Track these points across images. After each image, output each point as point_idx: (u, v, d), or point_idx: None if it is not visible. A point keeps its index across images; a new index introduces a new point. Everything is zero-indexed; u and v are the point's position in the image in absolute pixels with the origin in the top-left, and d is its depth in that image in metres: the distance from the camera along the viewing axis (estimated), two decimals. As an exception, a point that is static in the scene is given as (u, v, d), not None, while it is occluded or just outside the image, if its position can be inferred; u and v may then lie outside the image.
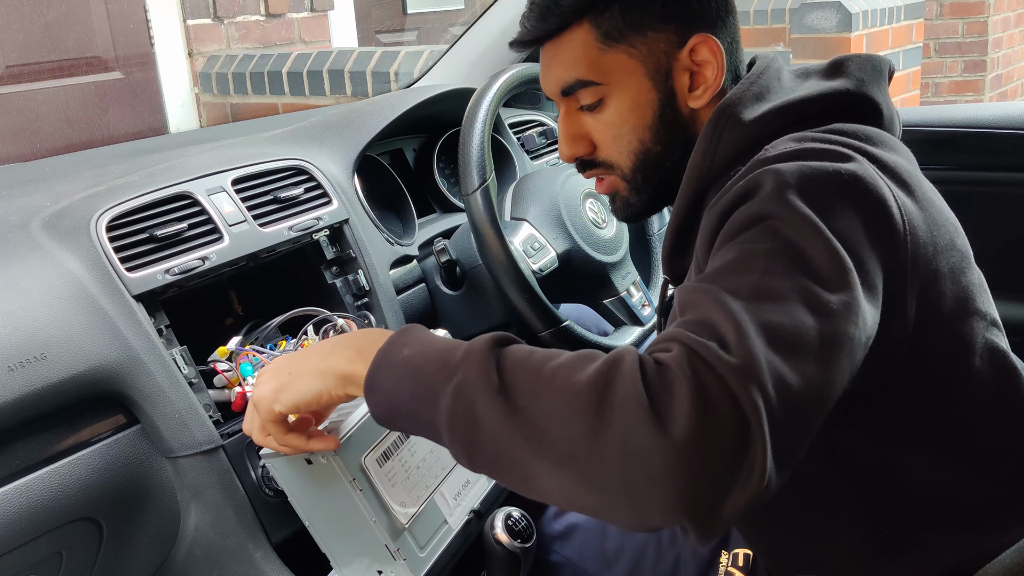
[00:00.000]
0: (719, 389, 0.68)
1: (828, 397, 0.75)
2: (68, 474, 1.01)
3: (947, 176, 1.68)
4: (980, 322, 0.93)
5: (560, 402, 0.72)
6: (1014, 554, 0.84)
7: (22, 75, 2.83)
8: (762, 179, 0.82)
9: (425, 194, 1.69)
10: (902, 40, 3.86)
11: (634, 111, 1.00)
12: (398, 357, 0.84)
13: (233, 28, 3.23)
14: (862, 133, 0.92)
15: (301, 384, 0.90)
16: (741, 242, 0.79)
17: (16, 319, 0.99)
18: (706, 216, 0.89)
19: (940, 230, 0.89)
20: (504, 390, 0.74)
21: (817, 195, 0.80)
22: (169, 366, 1.08)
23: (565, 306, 1.62)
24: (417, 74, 2.17)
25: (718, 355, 0.69)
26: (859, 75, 0.97)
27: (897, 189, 0.86)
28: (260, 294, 1.36)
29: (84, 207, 1.13)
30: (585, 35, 0.98)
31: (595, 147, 1.04)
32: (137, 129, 3.09)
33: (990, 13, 5.24)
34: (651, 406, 0.68)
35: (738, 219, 0.82)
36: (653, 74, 0.99)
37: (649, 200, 1.05)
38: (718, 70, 0.99)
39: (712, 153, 0.95)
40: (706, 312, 0.74)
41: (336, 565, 0.99)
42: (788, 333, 0.72)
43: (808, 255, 0.76)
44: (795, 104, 0.94)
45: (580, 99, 1.01)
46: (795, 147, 0.86)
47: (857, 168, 0.83)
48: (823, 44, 3.56)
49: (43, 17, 2.84)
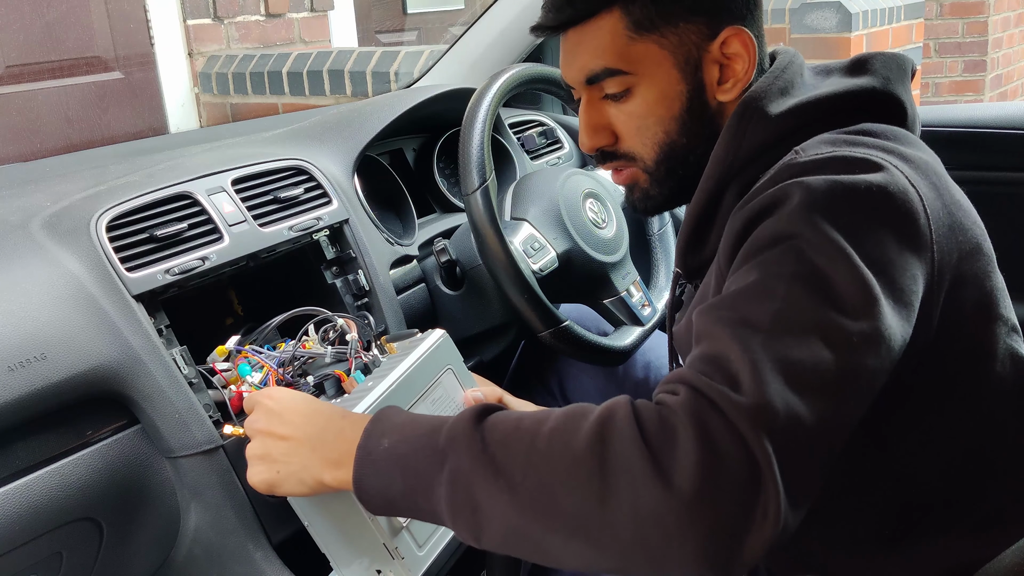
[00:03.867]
0: (726, 434, 0.67)
1: (844, 430, 0.74)
2: (68, 474, 1.01)
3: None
4: (1002, 327, 0.92)
5: (561, 473, 0.70)
6: (1014, 554, 0.84)
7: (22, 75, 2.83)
8: (790, 192, 0.80)
9: (425, 194, 1.69)
10: (902, 40, 3.86)
11: (661, 102, 0.98)
12: (379, 450, 0.83)
13: (233, 28, 3.23)
14: (891, 133, 0.91)
15: (290, 487, 0.91)
16: (764, 263, 0.78)
17: (16, 319, 0.99)
18: (732, 219, 0.87)
19: (967, 234, 0.89)
20: (500, 471, 0.73)
21: (845, 213, 0.78)
22: (169, 366, 1.08)
23: (565, 306, 1.62)
24: (417, 74, 2.17)
25: (728, 397, 0.68)
26: (885, 73, 0.96)
27: (928, 191, 0.85)
28: (260, 294, 1.36)
29: (84, 207, 1.14)
30: (615, 23, 0.96)
31: (617, 138, 1.02)
32: (137, 129, 3.09)
33: (990, 13, 5.24)
34: (654, 462, 0.67)
35: (762, 235, 0.80)
36: (683, 66, 0.97)
37: (671, 193, 1.03)
38: (749, 64, 0.97)
39: (736, 147, 0.94)
40: (722, 347, 0.72)
41: (336, 565, 0.99)
42: (806, 369, 0.71)
43: (832, 282, 0.75)
44: (822, 100, 0.93)
45: (605, 88, 0.99)
46: (827, 153, 0.85)
47: (887, 179, 0.81)
48: (823, 44, 3.56)
49: (43, 17, 2.84)
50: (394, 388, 1.02)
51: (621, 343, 1.48)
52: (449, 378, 1.12)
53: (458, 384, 1.13)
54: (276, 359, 1.14)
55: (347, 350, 1.14)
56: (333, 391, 1.14)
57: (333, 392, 1.14)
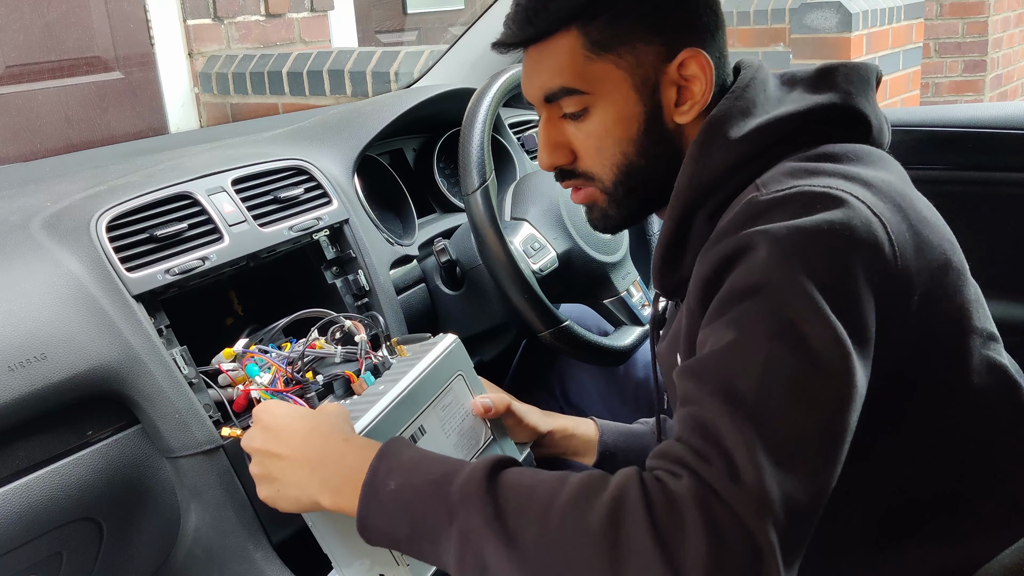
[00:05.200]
0: (732, 526, 0.69)
1: (830, 488, 0.76)
2: (68, 474, 1.01)
3: (947, 176, 1.68)
4: (977, 339, 0.92)
5: (574, 550, 0.72)
6: (1014, 554, 0.84)
7: (22, 75, 2.83)
8: (755, 241, 0.81)
9: (425, 194, 1.69)
10: (902, 40, 3.86)
11: (618, 124, 0.98)
12: (386, 491, 0.83)
13: (233, 28, 3.23)
14: (853, 154, 0.91)
15: (287, 505, 0.91)
16: (739, 320, 0.79)
17: (16, 319, 0.99)
18: (699, 262, 0.88)
19: (935, 251, 0.88)
20: (512, 540, 0.75)
21: (812, 258, 0.79)
22: (169, 366, 1.08)
23: (565, 306, 1.62)
24: (417, 74, 2.17)
25: (730, 488, 0.70)
26: (846, 87, 0.96)
27: (891, 216, 0.85)
28: (260, 294, 1.36)
29: (84, 207, 1.14)
30: (573, 42, 0.96)
31: (576, 157, 1.01)
32: (137, 129, 3.09)
33: (990, 13, 5.24)
34: (664, 550, 0.69)
35: (734, 288, 0.81)
36: (640, 87, 0.97)
37: (629, 213, 1.04)
38: (706, 86, 0.97)
39: (700, 173, 0.93)
40: (712, 419, 0.74)
41: (337, 565, 0.99)
42: (796, 446, 0.73)
43: (808, 338, 0.76)
44: (782, 120, 0.93)
45: (563, 107, 0.99)
46: (787, 189, 0.85)
47: (849, 215, 0.81)
48: (823, 44, 3.56)
49: (43, 17, 2.84)
50: (406, 394, 1.03)
51: (621, 343, 1.48)
52: (459, 384, 1.12)
53: (468, 390, 1.13)
54: (284, 359, 1.14)
55: (357, 350, 1.14)
56: (342, 391, 1.14)
57: (342, 392, 1.14)
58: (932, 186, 1.69)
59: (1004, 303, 1.61)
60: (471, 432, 1.11)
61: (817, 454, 0.75)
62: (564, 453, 1.25)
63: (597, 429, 1.25)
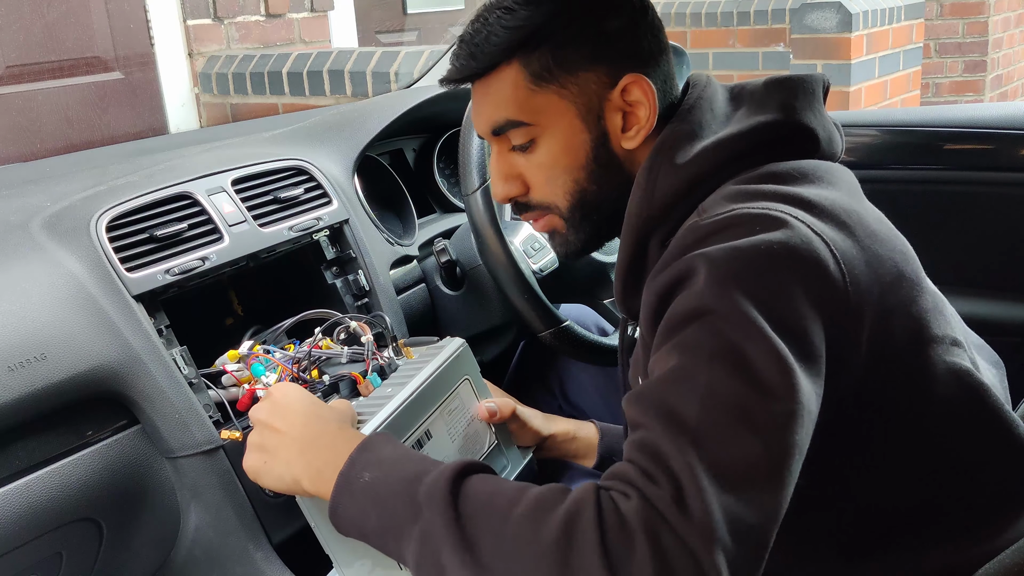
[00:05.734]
0: (678, 552, 0.70)
1: (782, 507, 0.76)
2: (68, 474, 1.01)
3: (947, 176, 1.68)
4: (938, 347, 0.91)
5: (525, 562, 0.73)
6: (1014, 554, 0.84)
7: (22, 75, 2.83)
8: (695, 266, 0.81)
9: (425, 194, 1.69)
10: (902, 40, 3.86)
11: (566, 152, 0.98)
12: (359, 483, 0.85)
13: (233, 28, 3.23)
14: (797, 172, 0.91)
15: (270, 480, 0.94)
16: (682, 344, 0.79)
17: (16, 319, 0.99)
18: (646, 289, 0.88)
19: (885, 266, 0.88)
20: (468, 546, 0.76)
21: (751, 280, 0.79)
22: (169, 366, 1.08)
23: (565, 306, 1.62)
24: (417, 74, 2.17)
25: (676, 514, 0.71)
26: (791, 102, 0.95)
27: (835, 235, 0.84)
28: (260, 294, 1.36)
29: (84, 207, 1.13)
30: (515, 75, 0.96)
31: (529, 188, 1.02)
32: (137, 129, 3.09)
33: (990, 13, 5.25)
34: (611, 572, 0.70)
35: (676, 313, 0.81)
36: (585, 115, 0.97)
37: (588, 238, 1.04)
38: (650, 110, 0.97)
39: (649, 200, 0.94)
40: (657, 442, 0.74)
41: (337, 566, 0.99)
42: (741, 469, 0.73)
43: (749, 360, 0.76)
44: (726, 141, 0.93)
45: (511, 139, 1.00)
46: (727, 213, 0.85)
47: (788, 235, 0.81)
48: (823, 44, 3.56)
49: (43, 17, 2.84)
50: (413, 398, 1.03)
51: (621, 343, 1.48)
52: (466, 389, 1.12)
53: (474, 395, 1.13)
54: (290, 359, 1.14)
55: (364, 351, 1.14)
56: (347, 392, 1.14)
57: (347, 393, 1.14)
58: (932, 186, 1.70)
59: (1004, 303, 1.61)
60: (475, 436, 1.11)
61: (764, 476, 0.74)
62: (566, 456, 1.25)
63: (598, 432, 1.25)
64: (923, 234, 1.76)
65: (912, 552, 0.92)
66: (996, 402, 0.94)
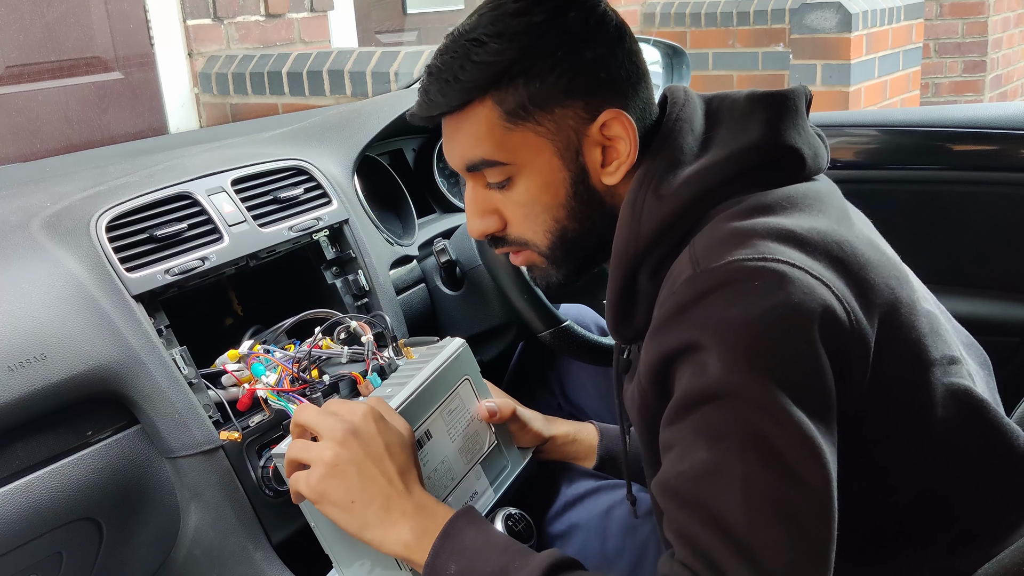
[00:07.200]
0: None
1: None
2: (68, 474, 1.01)
3: (947, 176, 1.68)
4: (936, 369, 0.90)
5: None
6: (1014, 554, 0.84)
7: (22, 75, 2.83)
8: (702, 341, 0.79)
9: (425, 194, 1.69)
10: (902, 40, 3.86)
11: (545, 190, 0.95)
12: (445, 574, 0.86)
13: (233, 28, 3.23)
14: (787, 202, 0.88)
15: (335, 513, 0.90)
16: (708, 432, 0.78)
17: (16, 319, 0.99)
18: (646, 347, 0.86)
19: (881, 294, 0.86)
20: None
21: (765, 355, 0.78)
22: (169, 366, 1.08)
23: (565, 306, 1.62)
24: (417, 74, 2.17)
25: None
26: (774, 121, 0.92)
27: (831, 275, 0.83)
28: (260, 294, 1.36)
29: (84, 207, 1.13)
30: (488, 112, 0.92)
31: (507, 223, 0.99)
32: (137, 129, 3.09)
33: (990, 13, 5.25)
34: None
35: (692, 391, 0.79)
36: (563, 152, 0.93)
37: (570, 272, 1.02)
38: (631, 146, 0.93)
39: (635, 236, 0.91)
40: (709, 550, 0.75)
41: (337, 566, 0.99)
42: (792, 566, 0.74)
43: (780, 449, 0.76)
44: (710, 169, 0.90)
45: (487, 177, 0.96)
46: (723, 265, 0.82)
47: (791, 294, 0.79)
48: (823, 44, 3.56)
49: (43, 17, 2.84)
50: (414, 399, 1.03)
51: (621, 343, 1.48)
52: (466, 389, 1.12)
53: (474, 395, 1.13)
54: (290, 359, 1.14)
55: (364, 351, 1.14)
56: (347, 392, 1.14)
57: (347, 393, 1.14)
58: (931, 186, 1.70)
59: (1004, 303, 1.61)
60: (475, 437, 1.11)
61: (814, 563, 0.75)
62: (566, 458, 1.25)
63: (597, 433, 1.25)
64: (922, 234, 1.76)
65: (913, 561, 0.92)
66: (995, 416, 0.93)
